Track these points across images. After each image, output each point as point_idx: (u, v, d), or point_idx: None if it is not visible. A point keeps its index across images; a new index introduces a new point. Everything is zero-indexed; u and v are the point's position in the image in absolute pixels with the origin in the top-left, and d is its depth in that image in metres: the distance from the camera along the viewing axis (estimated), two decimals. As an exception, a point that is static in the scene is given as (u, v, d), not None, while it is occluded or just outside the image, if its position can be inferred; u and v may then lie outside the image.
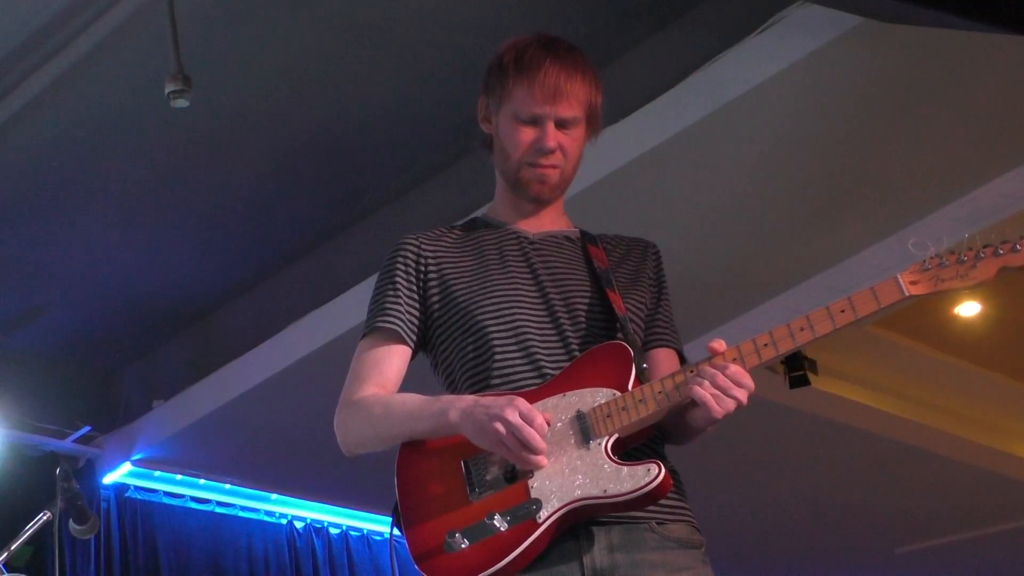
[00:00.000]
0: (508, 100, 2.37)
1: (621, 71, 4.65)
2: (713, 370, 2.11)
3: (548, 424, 2.12)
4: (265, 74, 4.64)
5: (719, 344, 2.16)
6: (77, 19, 4.17)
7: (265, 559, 6.86)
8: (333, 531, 7.25)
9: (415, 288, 2.39)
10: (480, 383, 2.29)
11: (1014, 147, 4.70)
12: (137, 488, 6.52)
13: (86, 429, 6.34)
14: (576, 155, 2.41)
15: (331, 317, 5.38)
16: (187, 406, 6.12)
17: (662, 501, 2.16)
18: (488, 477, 2.15)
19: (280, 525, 7.04)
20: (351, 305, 5.10)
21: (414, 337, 2.38)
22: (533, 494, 2.11)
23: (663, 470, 2.09)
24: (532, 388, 2.23)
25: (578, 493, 2.10)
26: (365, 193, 5.42)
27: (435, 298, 2.38)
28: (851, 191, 4.86)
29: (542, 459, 2.10)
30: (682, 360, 2.43)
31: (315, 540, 7.13)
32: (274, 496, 6.98)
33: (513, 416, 2.07)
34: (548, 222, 2.47)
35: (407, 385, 2.40)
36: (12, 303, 5.87)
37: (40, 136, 4.76)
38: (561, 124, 2.36)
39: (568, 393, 2.19)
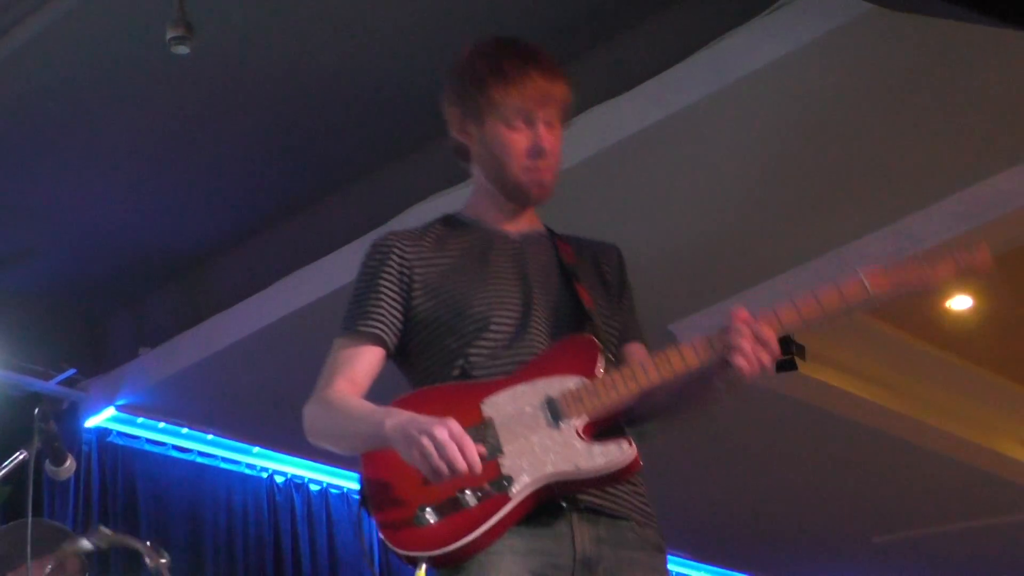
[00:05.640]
0: (493, 110, 2.39)
1: (626, 44, 4.62)
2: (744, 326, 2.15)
3: (481, 456, 2.09)
4: (268, 25, 4.61)
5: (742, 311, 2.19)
6: (81, -41, 4.15)
7: (244, 511, 6.86)
8: (313, 487, 7.24)
9: (399, 293, 2.38)
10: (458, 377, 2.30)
11: (1016, 144, 4.68)
12: (119, 434, 6.50)
13: (71, 372, 6.32)
14: (560, 155, 2.45)
15: (321, 274, 5.37)
16: (173, 355, 6.12)
17: (639, 506, 2.25)
18: None
19: (260, 479, 7.03)
20: (342, 263, 5.09)
21: (395, 340, 2.38)
22: (504, 471, 2.13)
23: (634, 447, 2.15)
24: (500, 378, 2.25)
25: (550, 469, 2.13)
26: (363, 152, 5.39)
27: (419, 302, 2.37)
28: (849, 178, 4.84)
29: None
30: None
31: (295, 495, 7.13)
32: (255, 449, 6.97)
33: (441, 434, 2.06)
34: (526, 222, 2.50)
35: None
36: (3, 243, 5.85)
37: (37, 78, 4.72)
38: (547, 126, 2.40)
39: (537, 380, 2.22)
